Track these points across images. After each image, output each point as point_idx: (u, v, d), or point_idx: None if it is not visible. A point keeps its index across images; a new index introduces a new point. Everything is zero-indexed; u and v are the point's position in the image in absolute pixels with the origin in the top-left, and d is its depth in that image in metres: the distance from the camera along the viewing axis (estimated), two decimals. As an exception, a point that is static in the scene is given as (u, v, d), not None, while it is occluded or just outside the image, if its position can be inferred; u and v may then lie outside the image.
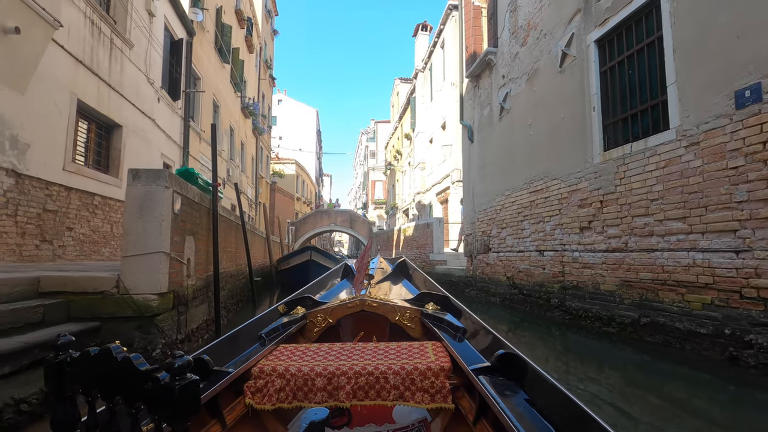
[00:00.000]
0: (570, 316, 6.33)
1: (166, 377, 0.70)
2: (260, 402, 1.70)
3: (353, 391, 1.68)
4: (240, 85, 18.29)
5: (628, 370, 4.70)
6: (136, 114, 8.25)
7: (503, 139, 8.90)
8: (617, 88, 5.67)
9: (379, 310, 2.39)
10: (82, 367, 0.79)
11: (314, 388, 1.69)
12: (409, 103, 27.51)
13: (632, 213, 5.18)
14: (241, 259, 8.39)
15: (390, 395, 1.68)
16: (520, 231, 8.06)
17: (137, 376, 0.72)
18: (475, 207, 10.47)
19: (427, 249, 14.05)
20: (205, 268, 5.17)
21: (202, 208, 5.00)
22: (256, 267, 12.18)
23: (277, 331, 2.17)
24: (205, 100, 13.39)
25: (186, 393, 0.69)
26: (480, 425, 1.60)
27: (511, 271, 8.35)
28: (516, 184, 8.27)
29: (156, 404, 0.71)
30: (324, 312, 2.42)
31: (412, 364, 1.73)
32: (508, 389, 1.45)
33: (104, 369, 0.76)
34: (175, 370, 0.70)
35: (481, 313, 9.17)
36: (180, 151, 10.99)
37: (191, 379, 0.72)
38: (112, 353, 0.74)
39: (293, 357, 1.88)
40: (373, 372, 1.70)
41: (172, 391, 0.68)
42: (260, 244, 13.35)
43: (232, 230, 7.46)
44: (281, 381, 1.71)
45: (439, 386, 1.68)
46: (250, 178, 21.48)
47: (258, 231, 12.95)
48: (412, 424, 1.91)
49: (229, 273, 7.12)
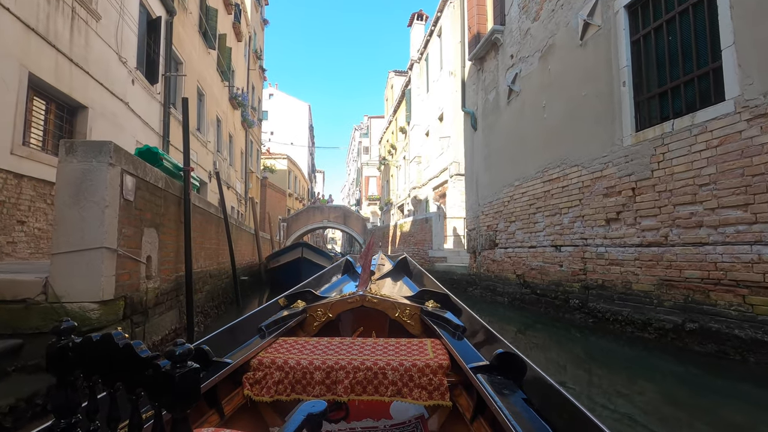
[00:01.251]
0: (594, 318, 5.62)
1: (167, 365, 0.69)
2: (259, 393, 1.70)
3: (351, 386, 1.69)
4: (227, 74, 17.37)
5: (669, 383, 3.99)
6: (104, 95, 7.38)
7: (512, 124, 8.16)
8: (653, 58, 4.94)
9: (380, 306, 2.38)
10: (84, 353, 0.79)
11: (312, 382, 1.70)
12: (404, 95, 26.71)
13: (674, 201, 4.46)
14: (224, 257, 7.57)
15: (388, 391, 1.69)
16: (532, 224, 7.33)
17: (138, 363, 0.72)
18: (479, 199, 9.73)
19: (426, 245, 13.30)
20: (174, 268, 4.37)
21: (169, 196, 4.19)
22: (244, 265, 11.35)
23: (276, 324, 2.16)
24: (189, 87, 12.49)
25: (186, 381, 0.69)
26: (477, 423, 1.60)
27: (522, 268, 7.62)
28: (527, 174, 7.54)
29: (156, 391, 0.71)
30: (324, 306, 2.41)
31: (411, 361, 1.74)
32: (506, 388, 1.44)
33: (105, 355, 0.76)
34: (176, 357, 0.69)
35: (488, 315, 8.45)
36: (159, 140, 10.12)
37: (192, 367, 0.71)
38: (113, 339, 0.75)
39: (292, 350, 1.88)
40: (371, 367, 1.71)
41: (172, 379, 0.68)
42: (248, 240, 12.51)
43: (212, 224, 6.64)
44: (280, 373, 1.72)
45: (437, 383, 1.68)
46: (239, 172, 20.58)
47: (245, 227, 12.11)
48: (409, 421, 1.90)
49: (209, 272, 6.32)
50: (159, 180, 3.82)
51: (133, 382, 0.74)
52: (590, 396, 3.88)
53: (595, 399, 3.76)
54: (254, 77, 24.96)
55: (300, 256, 10.53)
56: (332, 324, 2.49)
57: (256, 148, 26.18)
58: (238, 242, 9.88)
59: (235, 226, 9.35)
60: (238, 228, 10.00)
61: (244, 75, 21.79)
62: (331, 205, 31.58)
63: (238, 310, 7.36)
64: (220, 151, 16.53)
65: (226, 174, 17.38)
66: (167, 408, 0.70)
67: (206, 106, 14.40)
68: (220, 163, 16.30)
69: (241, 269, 10.37)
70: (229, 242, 7.32)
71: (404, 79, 27.99)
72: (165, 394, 0.69)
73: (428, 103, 21.20)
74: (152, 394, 0.71)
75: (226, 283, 7.54)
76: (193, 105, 13.08)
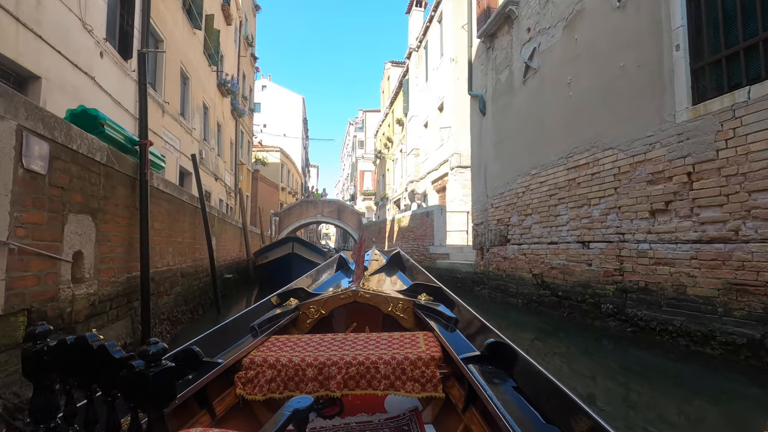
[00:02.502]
0: (634, 327, 4.77)
1: (141, 364, 0.69)
2: (251, 392, 1.69)
3: (344, 381, 1.68)
4: (215, 58, 16.31)
5: (743, 409, 3.20)
6: (63, 65, 6.39)
7: (528, 106, 7.28)
8: (717, 13, 4.07)
9: (372, 301, 2.37)
10: (60, 356, 0.78)
11: (305, 379, 1.69)
12: (402, 86, 25.76)
13: (749, 187, 3.60)
14: (202, 253, 6.63)
15: (381, 385, 1.69)
16: (553, 218, 6.47)
17: (113, 364, 0.71)
18: (487, 191, 8.86)
19: (427, 241, 12.42)
20: (124, 267, 3.45)
21: (115, 174, 3.26)
22: (229, 262, 10.41)
23: (269, 323, 2.14)
24: (171, 68, 11.47)
25: (160, 380, 0.67)
26: (469, 413, 1.60)
27: (540, 266, 6.77)
28: (547, 160, 6.67)
29: (131, 391, 0.70)
30: (317, 303, 2.39)
31: (403, 354, 1.74)
32: (496, 377, 1.45)
33: (81, 357, 0.75)
34: (150, 357, 0.68)
35: (499, 319, 7.57)
36: (134, 122, 9.12)
37: (166, 365, 0.69)
38: (87, 341, 0.74)
39: (285, 348, 1.87)
40: (363, 362, 1.70)
41: (146, 378, 0.67)
42: (235, 235, 11.56)
43: (185, 214, 5.70)
44: (272, 371, 1.71)
45: (430, 375, 1.68)
46: (228, 163, 19.57)
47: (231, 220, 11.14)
48: (404, 414, 1.90)
49: (181, 271, 5.39)
50: (96, 151, 2.89)
51: (108, 384, 0.73)
52: (630, 420, 3.09)
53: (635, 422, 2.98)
54: (245, 65, 23.88)
55: (290, 252, 9.59)
56: (325, 321, 2.47)
57: (247, 139, 25.13)
58: (221, 237, 8.95)
59: (218, 218, 8.41)
60: (221, 221, 9.06)
61: (234, 61, 20.72)
62: (325, 200, 30.59)
63: (218, 314, 6.43)
64: (207, 139, 15.52)
65: (214, 164, 16.39)
66: (142, 408, 0.69)
67: (191, 91, 13.39)
68: (207, 152, 15.30)
69: (225, 266, 9.43)
70: (207, 236, 6.38)
71: (401, 70, 27.03)
72: (140, 394, 0.68)
73: (427, 93, 20.28)
74: (128, 394, 0.70)
75: (204, 282, 6.61)
76: (177, 88, 12.09)
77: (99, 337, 0.75)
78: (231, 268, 10.31)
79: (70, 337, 0.77)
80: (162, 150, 10.89)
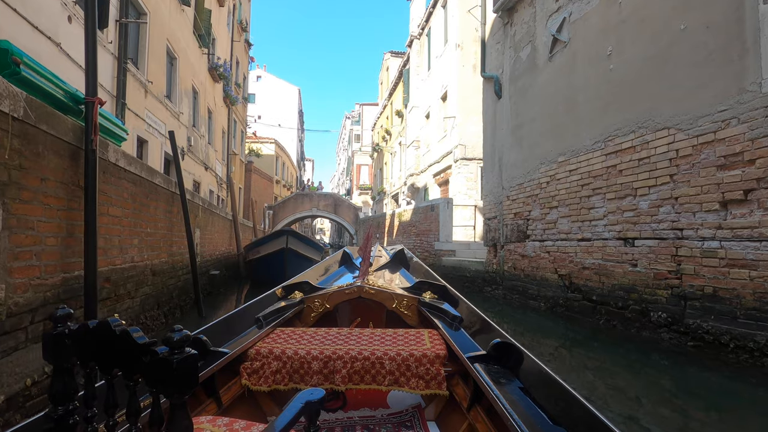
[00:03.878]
0: (697, 341, 3.97)
1: (165, 351, 0.68)
2: (256, 383, 1.70)
3: (349, 375, 1.68)
4: (206, 40, 15.31)
5: None
6: (21, 27, 5.46)
7: (555, 84, 6.45)
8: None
9: (377, 297, 2.38)
10: (81, 340, 0.78)
11: (310, 371, 1.70)
12: (402, 76, 24.82)
13: None
14: (181, 246, 5.74)
15: (385, 380, 1.69)
16: (586, 211, 5.66)
17: (135, 350, 0.70)
18: (502, 182, 8.03)
19: (431, 236, 11.59)
20: (60, 264, 2.57)
21: (41, 138, 2.38)
22: (217, 256, 9.52)
23: (274, 314, 2.14)
24: (155, 44, 10.51)
25: (184, 367, 0.67)
26: (473, 412, 1.62)
27: (567, 266, 5.96)
28: (578, 145, 5.84)
29: (154, 377, 0.69)
30: (322, 297, 2.40)
31: (408, 351, 1.74)
32: (502, 377, 1.44)
33: (102, 342, 0.75)
34: (174, 343, 0.68)
35: (517, 324, 6.73)
36: (112, 101, 8.19)
37: (189, 353, 0.69)
38: (110, 326, 0.73)
39: (290, 340, 1.88)
40: (369, 357, 1.71)
41: (170, 365, 0.66)
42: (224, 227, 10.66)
43: (159, 201, 4.81)
44: (278, 363, 1.72)
45: (434, 373, 1.69)
46: (219, 152, 18.60)
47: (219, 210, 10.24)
48: (406, 410, 1.90)
49: (152, 267, 4.51)
50: (11, 105, 1.99)
51: (130, 369, 0.73)
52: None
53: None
54: (239, 51, 22.83)
55: (284, 248, 8.67)
56: (329, 315, 2.46)
57: (240, 129, 24.13)
58: (207, 228, 8.07)
59: (203, 207, 7.51)
60: (208, 211, 8.16)
61: (226, 46, 19.71)
62: (321, 193, 29.67)
63: (199, 316, 5.56)
64: (197, 126, 14.56)
65: (204, 153, 15.44)
66: (165, 394, 0.68)
67: (179, 72, 12.43)
68: (197, 139, 14.34)
69: (212, 261, 8.55)
70: (188, 226, 5.48)
71: (401, 60, 26.10)
72: (163, 381, 0.68)
73: (429, 83, 19.39)
74: (150, 380, 0.70)
75: (184, 281, 5.73)
76: (162, 68, 11.13)
77: (121, 323, 0.74)
78: (219, 263, 9.43)
79: (92, 321, 0.77)
80: (145, 134, 9.97)
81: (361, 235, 25.28)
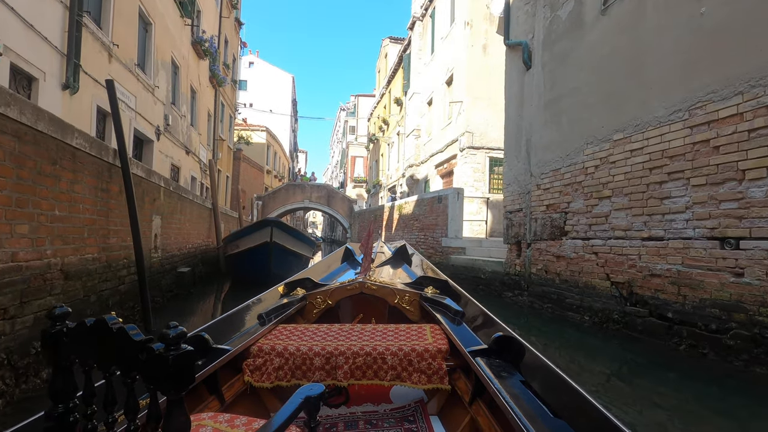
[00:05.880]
0: None
1: (161, 347, 0.68)
2: (259, 380, 1.71)
3: (351, 371, 1.69)
4: (189, 10, 13.80)
5: None
6: None
7: (610, 43, 5.15)
8: None
9: (379, 292, 2.37)
10: (79, 338, 0.78)
11: (312, 367, 1.70)
12: (402, 61, 23.42)
13: None
14: (124, 237, 4.33)
15: (387, 375, 1.70)
16: (656, 201, 4.38)
17: (132, 347, 0.70)
18: (531, 168, 6.74)
19: (438, 231, 10.27)
20: None
21: None
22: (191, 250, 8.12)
23: (276, 311, 2.13)
24: (124, 3, 9.03)
25: (179, 363, 0.67)
26: (475, 406, 1.62)
27: (626, 272, 4.69)
28: (646, 117, 4.56)
29: (151, 374, 0.69)
30: (324, 294, 2.40)
31: (410, 346, 1.75)
32: (504, 371, 1.44)
33: (100, 339, 0.75)
34: (170, 340, 0.67)
35: (550, 340, 5.34)
36: (61, 60, 6.74)
37: (185, 349, 0.69)
38: (107, 324, 0.73)
39: (292, 336, 1.88)
40: (371, 353, 1.71)
41: (165, 361, 0.66)
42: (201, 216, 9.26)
43: (81, 172, 3.41)
44: (280, 360, 1.72)
45: (436, 368, 1.69)
46: (204, 136, 17.12)
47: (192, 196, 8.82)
48: (409, 405, 1.90)
49: (67, 267, 3.15)
50: None
51: (128, 366, 0.72)
52: None
53: None
54: (228, 29, 21.27)
55: (268, 241, 7.25)
56: (332, 311, 2.46)
57: (228, 113, 22.59)
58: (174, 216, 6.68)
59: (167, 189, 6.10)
60: (175, 195, 6.75)
61: (214, 22, 18.16)
62: (314, 184, 28.22)
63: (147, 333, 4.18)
64: (177, 104, 13.07)
65: (186, 135, 13.97)
66: (162, 391, 0.68)
67: (154, 41, 10.93)
68: (176, 119, 12.86)
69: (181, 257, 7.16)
70: (132, 211, 4.08)
71: (401, 46, 24.67)
72: (159, 377, 0.68)
73: (433, 66, 18.04)
74: (147, 377, 0.70)
75: (129, 284, 4.34)
76: (133, 32, 9.64)
77: (118, 320, 0.73)
78: (192, 258, 8.04)
79: (89, 319, 0.75)
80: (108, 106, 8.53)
81: (355, 229, 23.93)
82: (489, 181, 13.88)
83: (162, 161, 11.42)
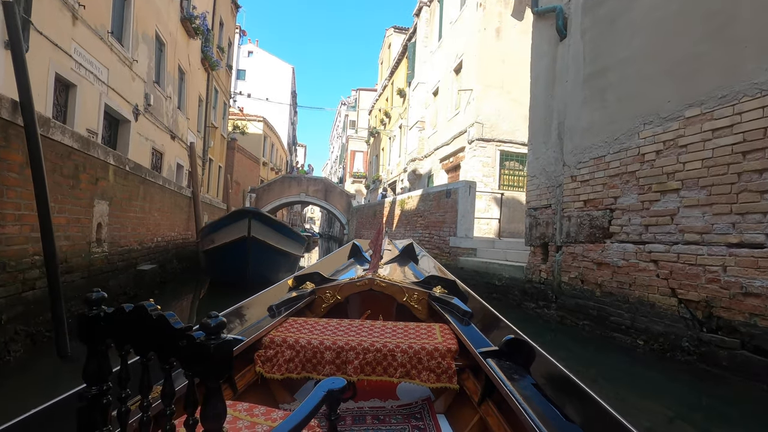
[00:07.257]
0: None
1: (202, 336, 0.68)
2: (270, 371, 1.72)
3: (361, 366, 1.70)
4: (178, -19, 12.65)
5: None
6: None
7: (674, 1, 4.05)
8: None
9: (388, 290, 2.38)
10: (116, 323, 0.78)
11: (323, 361, 1.71)
12: (406, 51, 22.26)
13: None
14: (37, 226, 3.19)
15: (396, 372, 1.70)
16: (755, 197, 3.30)
17: (172, 334, 0.71)
18: (564, 156, 5.65)
19: (445, 229, 9.17)
20: None
21: None
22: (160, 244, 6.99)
23: (286, 304, 2.14)
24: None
25: (221, 351, 0.68)
26: (485, 406, 1.61)
27: (702, 288, 3.61)
28: (735, 86, 3.47)
29: (191, 361, 0.70)
30: (333, 288, 2.41)
31: (420, 344, 1.75)
32: (515, 373, 1.43)
33: (138, 325, 0.74)
34: (211, 329, 0.68)
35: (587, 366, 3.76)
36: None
37: (226, 338, 0.69)
38: (146, 310, 0.73)
39: (303, 330, 1.89)
40: (381, 349, 1.72)
41: (208, 349, 0.67)
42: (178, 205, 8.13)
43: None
44: (291, 352, 1.74)
45: (446, 367, 1.69)
46: (194, 122, 15.97)
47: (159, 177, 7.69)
48: (416, 402, 1.90)
49: None
50: None
51: (166, 352, 0.72)
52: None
53: None
54: (224, 11, 20.09)
55: (245, 236, 6.07)
56: (340, 306, 2.48)
57: (222, 100, 21.41)
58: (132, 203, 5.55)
59: (123, 170, 4.97)
60: (132, 176, 5.61)
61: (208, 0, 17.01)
62: (311, 177, 27.03)
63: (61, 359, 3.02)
64: (161, 83, 11.93)
65: (171, 119, 12.84)
66: (202, 378, 0.69)
67: (134, 9, 9.75)
68: (160, 100, 11.72)
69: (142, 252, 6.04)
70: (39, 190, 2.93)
71: (405, 36, 23.52)
72: (200, 365, 0.68)
73: (440, 54, 16.91)
74: (186, 364, 0.70)
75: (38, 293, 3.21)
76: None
77: (157, 307, 0.73)
78: (160, 254, 6.93)
79: (127, 305, 0.76)
80: (72, 75, 7.38)
81: (353, 225, 22.81)
82: (499, 177, 12.79)
83: (140, 144, 10.29)
